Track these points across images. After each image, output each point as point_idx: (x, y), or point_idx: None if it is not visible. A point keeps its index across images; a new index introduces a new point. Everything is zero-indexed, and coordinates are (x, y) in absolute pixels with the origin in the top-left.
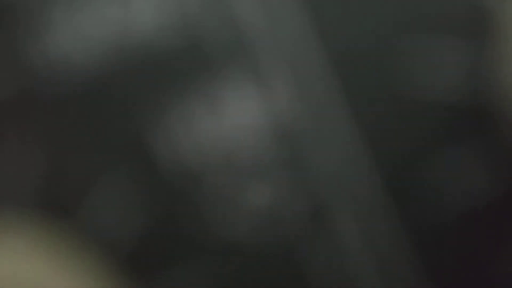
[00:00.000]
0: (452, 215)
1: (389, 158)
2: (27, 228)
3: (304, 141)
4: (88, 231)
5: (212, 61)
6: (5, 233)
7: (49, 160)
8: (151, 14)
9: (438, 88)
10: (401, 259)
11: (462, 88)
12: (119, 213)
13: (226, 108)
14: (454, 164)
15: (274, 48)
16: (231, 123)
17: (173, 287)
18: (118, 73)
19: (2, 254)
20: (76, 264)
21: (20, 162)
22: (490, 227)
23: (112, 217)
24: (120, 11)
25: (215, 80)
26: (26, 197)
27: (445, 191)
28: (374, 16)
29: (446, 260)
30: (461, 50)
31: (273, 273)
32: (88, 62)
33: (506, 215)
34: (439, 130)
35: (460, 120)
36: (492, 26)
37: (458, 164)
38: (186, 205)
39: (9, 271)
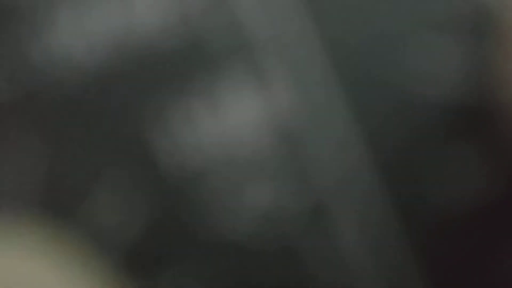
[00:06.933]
0: (452, 214)
1: (389, 157)
2: (27, 228)
3: (304, 140)
4: (88, 231)
5: (212, 61)
6: (5, 233)
7: (49, 160)
8: (152, 14)
9: (439, 87)
10: (401, 258)
11: (463, 87)
12: (119, 213)
13: (227, 107)
14: (454, 163)
15: (274, 47)
16: (231, 122)
17: (173, 286)
18: (119, 73)
19: (2, 254)
20: (76, 264)
21: (20, 162)
22: (490, 227)
23: (112, 217)
24: (122, 11)
25: (216, 80)
26: (26, 197)
27: (445, 190)
28: (375, 16)
29: (446, 259)
30: (462, 49)
31: (273, 272)
32: (90, 61)
33: (506, 214)
34: (440, 129)
35: (461, 118)
36: (494, 26)
37: (458, 163)
38: (186, 204)
39: (9, 271)
